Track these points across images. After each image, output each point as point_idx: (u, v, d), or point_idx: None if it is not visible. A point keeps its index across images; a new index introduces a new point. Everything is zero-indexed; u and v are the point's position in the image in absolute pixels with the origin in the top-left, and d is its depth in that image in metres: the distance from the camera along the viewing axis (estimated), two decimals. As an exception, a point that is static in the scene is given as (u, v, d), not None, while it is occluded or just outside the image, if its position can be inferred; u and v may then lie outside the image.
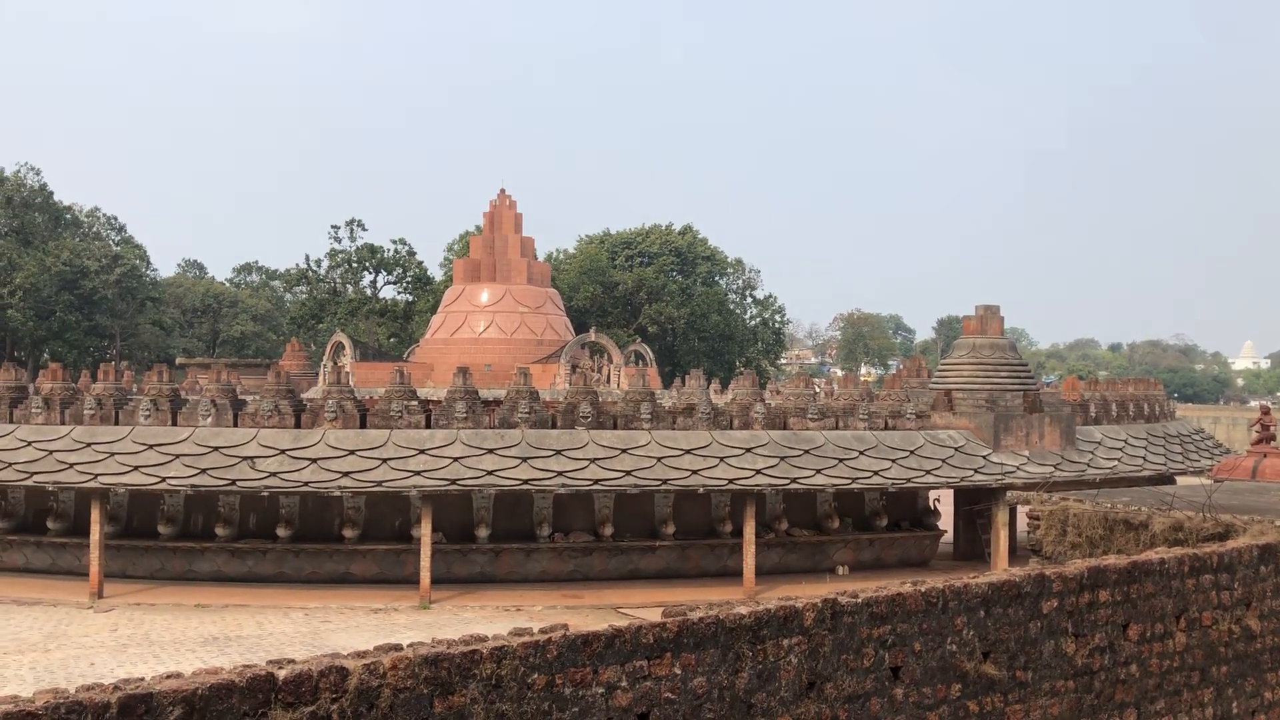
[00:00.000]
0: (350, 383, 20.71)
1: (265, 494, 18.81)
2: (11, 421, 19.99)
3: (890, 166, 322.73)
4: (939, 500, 24.27)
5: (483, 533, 20.09)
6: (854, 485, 20.07)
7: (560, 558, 20.48)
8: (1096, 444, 23.14)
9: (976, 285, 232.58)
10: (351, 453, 18.73)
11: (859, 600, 7.00)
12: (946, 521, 24.10)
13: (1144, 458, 23.47)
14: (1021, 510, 21.46)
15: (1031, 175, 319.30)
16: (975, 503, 23.13)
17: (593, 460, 19.17)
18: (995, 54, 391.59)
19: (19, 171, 62.81)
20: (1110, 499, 11.29)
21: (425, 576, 18.57)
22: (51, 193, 65.33)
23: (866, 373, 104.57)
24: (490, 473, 18.63)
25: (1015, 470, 21.16)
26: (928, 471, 20.67)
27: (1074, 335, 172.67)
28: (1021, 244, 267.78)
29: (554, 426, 19.89)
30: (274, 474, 18.27)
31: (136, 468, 18.39)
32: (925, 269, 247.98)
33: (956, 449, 21.41)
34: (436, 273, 65.36)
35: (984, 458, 21.34)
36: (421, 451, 18.88)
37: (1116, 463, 22.66)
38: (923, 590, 7.33)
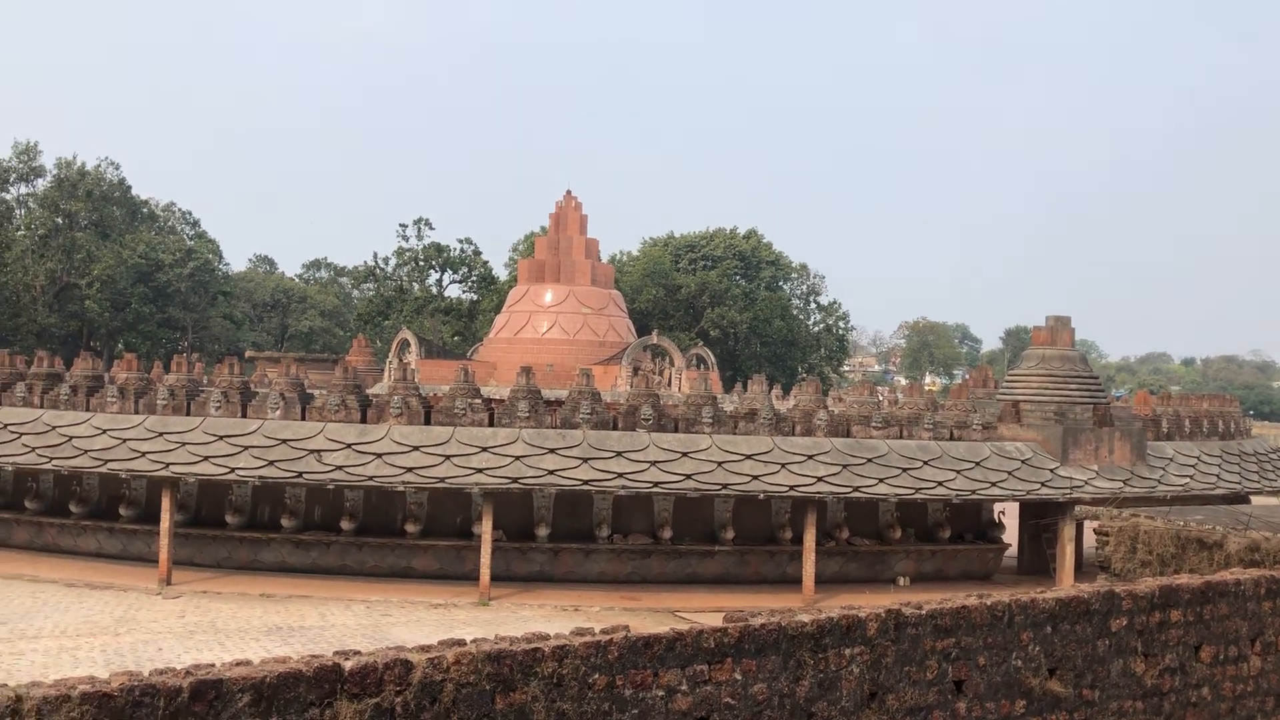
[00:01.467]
0: (415, 379, 20.94)
1: (331, 487, 19.10)
2: (88, 410, 20.53)
3: (961, 173, 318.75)
4: (1004, 513, 23.89)
5: (542, 532, 20.20)
6: (917, 495, 19.84)
7: (619, 559, 20.52)
8: (1168, 460, 22.61)
9: (1045, 295, 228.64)
10: (416, 448, 18.95)
11: (923, 612, 6.91)
12: (1011, 535, 23.72)
13: (1218, 476, 22.89)
14: (1089, 526, 21.07)
15: (1107, 183, 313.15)
16: (1041, 517, 22.73)
17: (653, 463, 19.17)
18: (1074, 56, 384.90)
19: (99, 166, 64.54)
20: (1182, 517, 11.02)
21: (485, 573, 18.71)
22: (130, 187, 67.05)
23: (931, 382, 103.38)
24: (551, 472, 18.72)
25: (1083, 485, 20.77)
26: (993, 484, 20.36)
27: (1145, 349, 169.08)
28: (1093, 254, 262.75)
29: (615, 428, 19.94)
30: (339, 467, 18.55)
31: (206, 458, 18.78)
32: (994, 278, 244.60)
33: (1023, 461, 21.06)
34: (501, 272, 65.92)
35: (1051, 471, 20.97)
36: (484, 449, 19.04)
37: (1189, 480, 22.12)
38: (988, 604, 7.23)
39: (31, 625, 15.69)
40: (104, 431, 19.69)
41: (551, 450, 19.15)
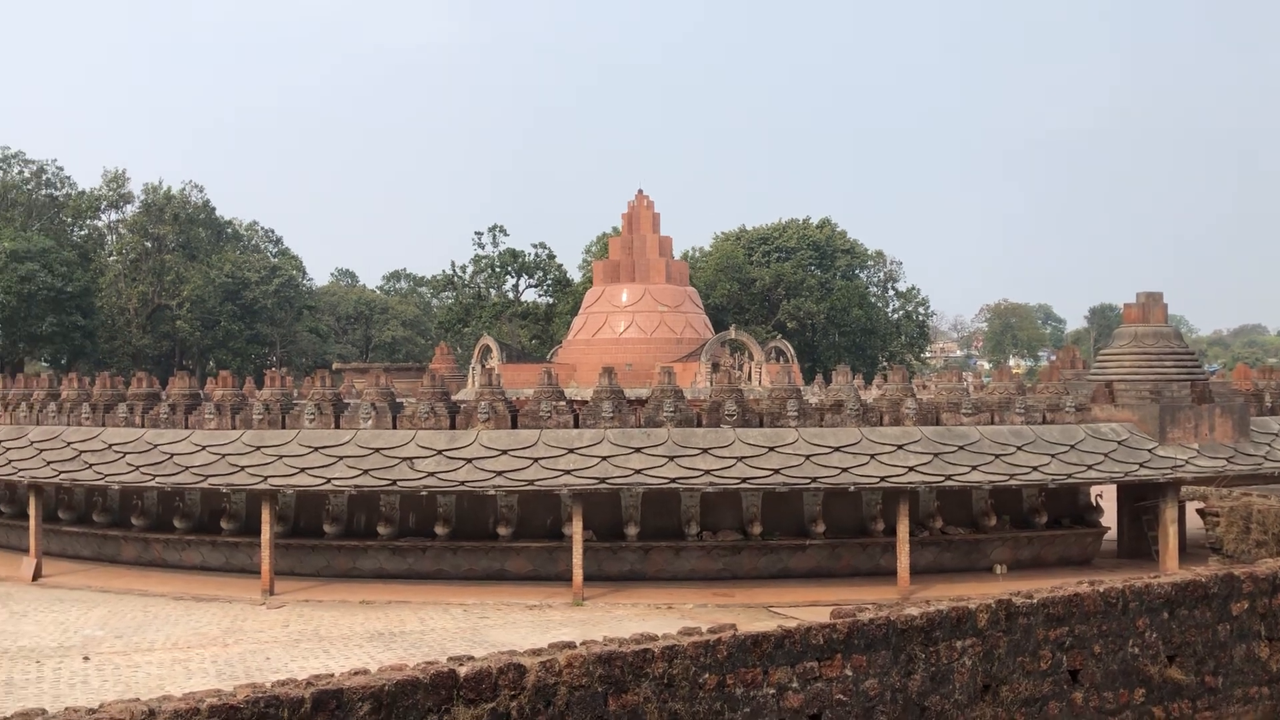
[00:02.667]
0: (499, 384, 21.16)
1: (424, 493, 19.39)
2: (186, 427, 21.13)
3: (1035, 149, 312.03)
4: (1101, 496, 23.33)
5: (632, 531, 20.25)
6: (1011, 482, 19.47)
7: (709, 556, 20.49)
8: (1274, 436, 21.88)
9: (1129, 272, 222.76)
10: (504, 452, 19.14)
11: (1034, 601, 6.78)
12: (1109, 518, 23.15)
13: (1327, 450, 22.05)
14: (1191, 506, 20.48)
15: (1187, 153, 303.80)
16: (1141, 499, 22.16)
17: (740, 458, 19.11)
18: (1158, 24, 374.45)
19: (184, 189, 66.42)
20: (1297, 494, 10.65)
21: (578, 574, 18.84)
22: (214, 208, 68.90)
23: (1015, 365, 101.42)
24: (638, 471, 18.77)
25: (1184, 464, 20.19)
26: (1089, 466, 19.90)
27: (1238, 321, 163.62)
28: (1179, 226, 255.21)
29: (699, 425, 19.91)
30: (431, 474, 18.81)
31: (303, 469, 19.19)
32: (1076, 256, 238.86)
33: (1120, 442, 20.55)
34: (575, 275, 66.29)
35: (1149, 451, 20.42)
36: (570, 451, 19.15)
37: (1297, 455, 21.36)
38: (1101, 590, 7.06)
39: (144, 638, 16.20)
40: (203, 448, 20.25)
41: (637, 449, 19.19)
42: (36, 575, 20.79)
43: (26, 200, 65.46)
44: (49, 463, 21.12)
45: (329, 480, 18.96)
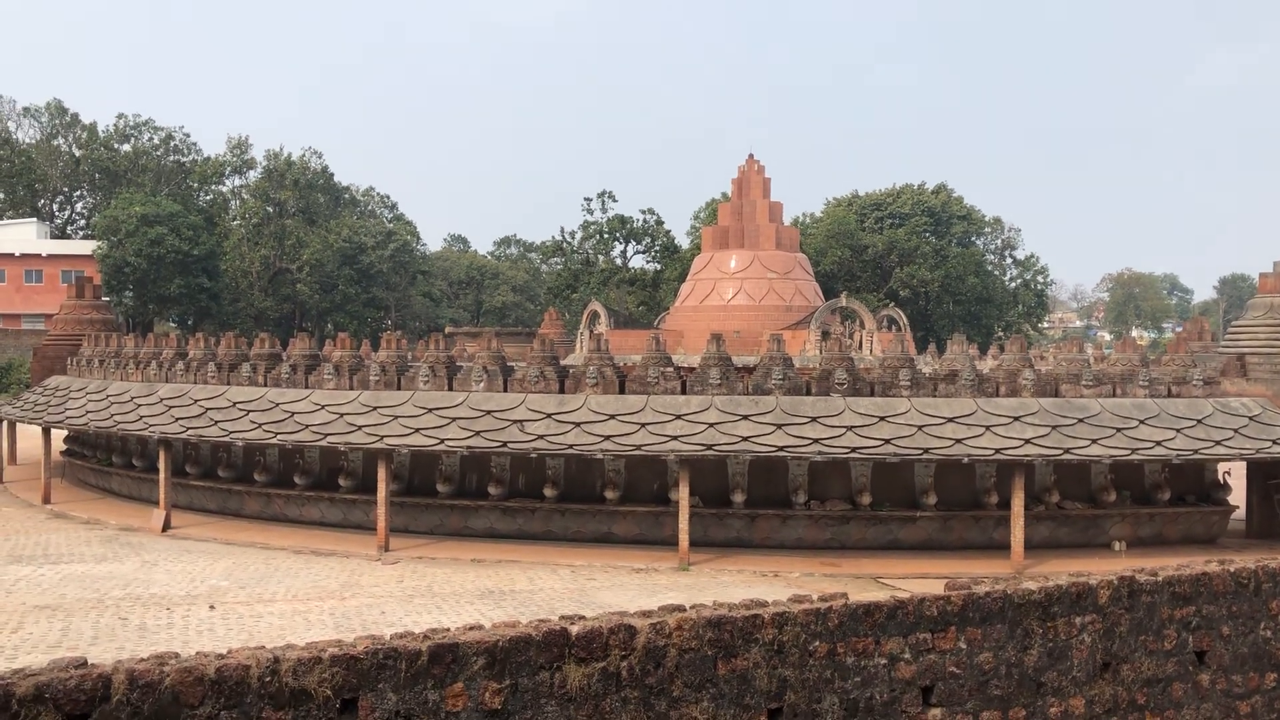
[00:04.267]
0: (608, 350, 21.28)
1: (534, 455, 19.66)
2: (306, 387, 21.81)
3: (1161, 111, 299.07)
4: (1229, 473, 22.40)
5: (738, 498, 20.23)
6: (1133, 456, 18.82)
7: (816, 525, 20.35)
8: None
9: (1264, 240, 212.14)
10: (612, 417, 19.27)
11: (1159, 579, 6.55)
12: (1237, 496, 22.23)
13: None
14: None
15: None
16: (1272, 477, 21.21)
17: (849, 428, 18.88)
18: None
19: (304, 156, 68.18)
20: None
21: (683, 539, 18.91)
22: (332, 174, 70.60)
23: (1139, 336, 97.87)
24: (745, 439, 18.70)
25: (1321, 442, 19.23)
26: (1217, 442, 19.11)
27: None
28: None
29: (808, 393, 19.72)
30: (541, 436, 19.06)
31: (417, 430, 19.65)
32: (1204, 223, 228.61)
33: (1251, 418, 19.67)
34: (683, 241, 66.16)
35: (1283, 428, 19.51)
36: (678, 417, 19.19)
37: None
38: (1232, 570, 6.78)
39: (266, 589, 16.84)
40: (322, 407, 20.88)
41: (744, 417, 19.12)
42: (165, 526, 21.78)
43: (155, 166, 68.07)
44: (177, 419, 22.04)
45: (442, 441, 19.37)
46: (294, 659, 4.94)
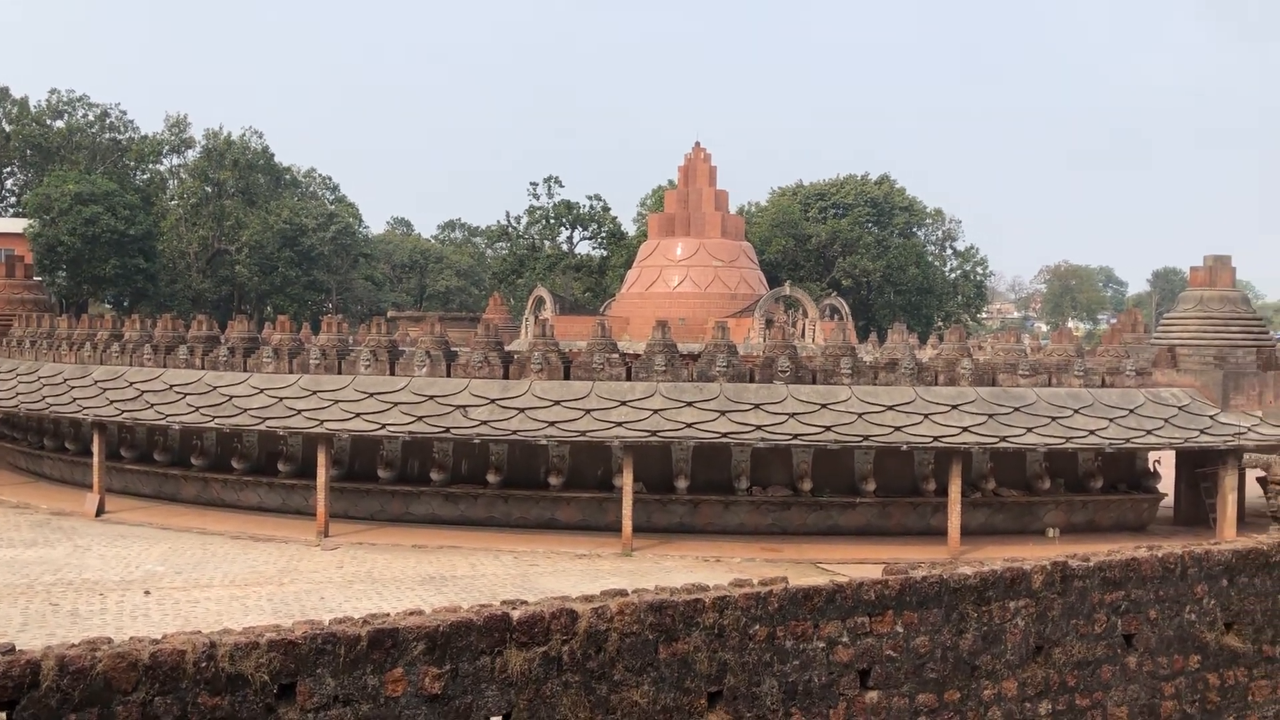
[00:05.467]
0: (553, 335, 21.23)
1: (477, 441, 19.59)
2: (245, 370, 21.49)
3: (1101, 108, 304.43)
4: (1159, 462, 22.97)
5: (682, 484, 20.32)
6: (1068, 445, 19.22)
7: (758, 511, 20.52)
8: (1341, 405, 21.34)
9: (1195, 235, 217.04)
10: (557, 403, 19.25)
11: (1090, 564, 6.70)
12: (1166, 484, 22.80)
13: (1397, 421, 21.49)
14: (1251, 474, 20.07)
15: (1254, 114, 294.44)
16: (1200, 465, 21.78)
17: (791, 415, 19.05)
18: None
19: (245, 135, 67.00)
20: (1365, 465, 10.40)
21: (627, 525, 18.96)
22: (273, 155, 69.41)
23: (1075, 327, 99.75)
24: (689, 425, 18.79)
25: (1246, 431, 19.78)
26: (1148, 431, 19.58)
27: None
28: (1245, 190, 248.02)
29: (752, 380, 19.85)
30: (484, 422, 18.99)
31: (358, 415, 19.46)
32: (1139, 218, 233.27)
33: (1180, 408, 20.18)
34: (630, 228, 66.08)
35: (1211, 418, 20.03)
36: (623, 403, 19.22)
37: (1365, 426, 20.83)
38: (1159, 556, 6.96)
39: (203, 574, 16.61)
40: (261, 391, 20.60)
41: (689, 403, 19.21)
42: (99, 511, 21.36)
43: (91, 144, 66.47)
44: (112, 401, 21.61)
45: (384, 426, 19.21)
46: (231, 644, 4.89)
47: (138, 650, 4.66)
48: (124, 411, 21.20)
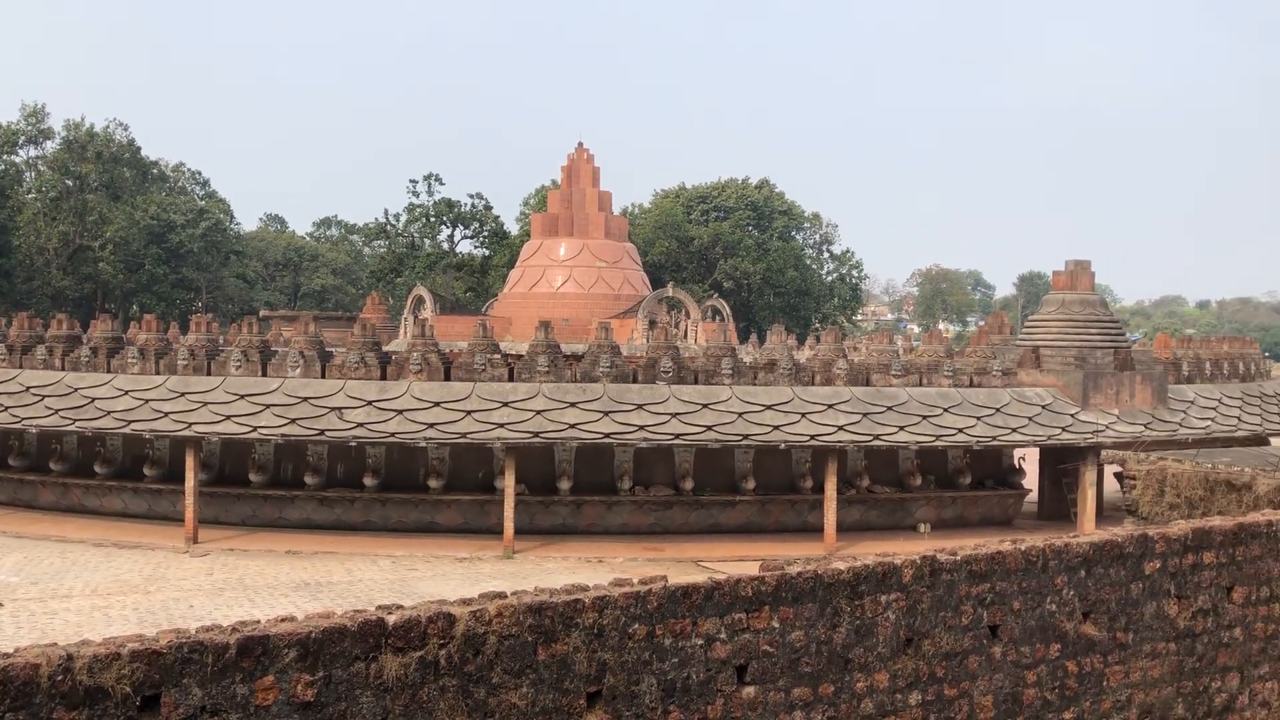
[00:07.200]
0: (433, 336, 20.95)
1: (353, 444, 19.20)
2: (109, 371, 20.63)
3: (971, 118, 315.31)
4: (1024, 459, 23.90)
5: (565, 485, 20.29)
6: (938, 443, 19.84)
7: (641, 511, 20.62)
8: (1189, 403, 22.55)
9: (1058, 241, 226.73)
10: (436, 404, 19.01)
11: (958, 558, 6.92)
12: (1031, 480, 23.74)
13: (1239, 418, 22.83)
14: (1109, 470, 21.06)
15: (1113, 128, 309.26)
16: (1062, 462, 22.74)
17: (674, 415, 19.20)
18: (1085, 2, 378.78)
19: (108, 127, 64.36)
20: (1210, 459, 11.00)
21: (509, 527, 18.84)
22: (139, 148, 66.85)
23: (945, 329, 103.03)
24: (572, 426, 18.77)
25: (1105, 429, 20.73)
26: (1014, 429, 20.35)
27: (1160, 292, 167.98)
28: (1105, 197, 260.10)
29: (635, 381, 19.95)
30: (361, 424, 18.63)
31: (229, 417, 18.88)
32: (1006, 224, 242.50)
33: (1044, 407, 21.02)
34: (513, 227, 65.68)
35: (1072, 416, 20.93)
36: (505, 404, 19.09)
37: (1210, 423, 22.07)
38: (1023, 549, 7.23)
39: (62, 584, 15.88)
40: (126, 393, 19.80)
41: (572, 404, 19.19)
42: (-51, 520, 20.24)
43: (-61, 133, 62.98)
44: (-37, 405, 20.48)
45: (255, 428, 18.68)
46: (90, 655, 4.68)
47: (-14, 665, 4.42)
48: (-25, 415, 20.11)
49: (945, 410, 20.34)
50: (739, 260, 60.11)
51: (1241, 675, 8.16)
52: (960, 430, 19.97)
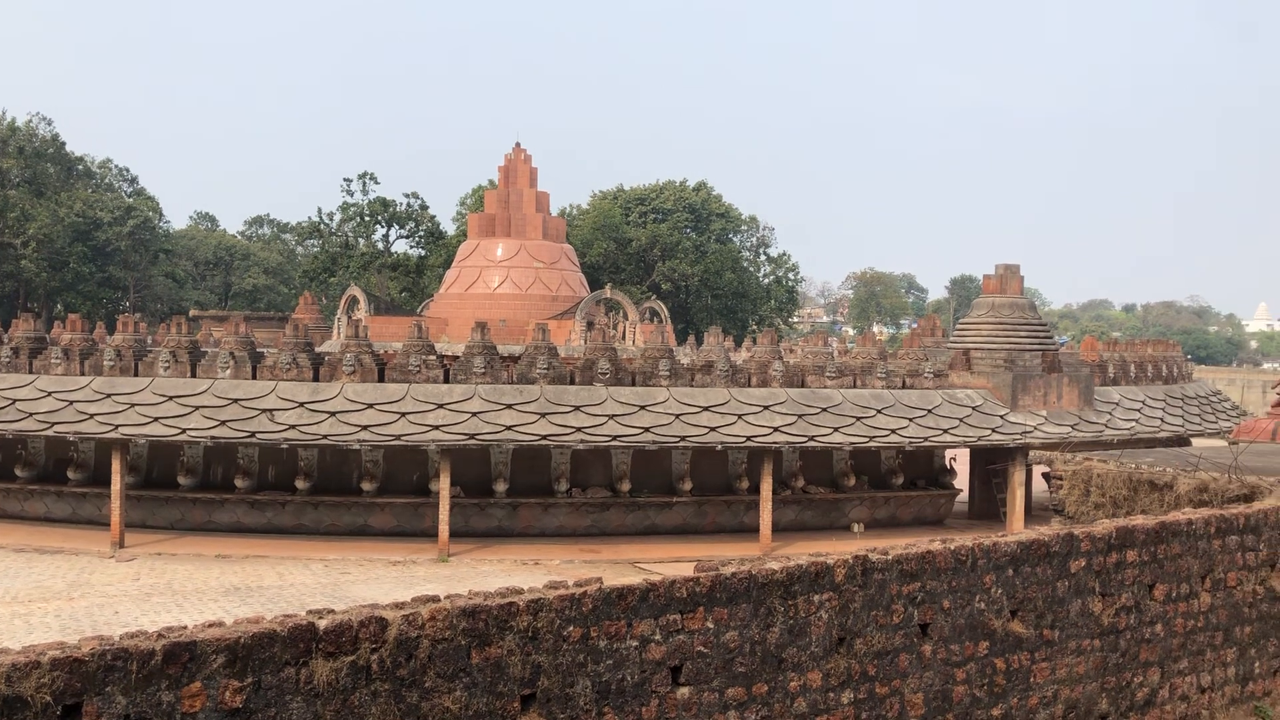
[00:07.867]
0: (367, 337, 20.71)
1: (284, 446, 18.90)
2: (31, 372, 20.08)
3: (904, 125, 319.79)
4: (955, 459, 24.29)
5: (501, 487, 20.18)
6: (871, 444, 20.08)
7: (578, 513, 20.58)
8: (1114, 405, 23.09)
9: (989, 245, 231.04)
10: (370, 406, 18.80)
11: (889, 557, 7.01)
12: (962, 480, 24.13)
13: (1161, 419, 23.42)
14: (1037, 470, 21.49)
15: (1042, 136, 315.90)
16: (992, 462, 23.14)
17: (611, 416, 19.20)
18: (1020, 12, 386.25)
19: (30, 122, 62.67)
20: (1134, 460, 11.27)
21: (444, 530, 18.69)
22: (64, 143, 65.18)
23: (879, 332, 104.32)
24: (509, 428, 18.68)
25: (1033, 430, 21.14)
26: (945, 431, 20.66)
27: (1087, 296, 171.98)
28: (1034, 204, 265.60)
29: (572, 382, 19.91)
30: (293, 426, 18.35)
31: (157, 419, 18.48)
32: (938, 228, 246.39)
33: (974, 408, 21.38)
34: (449, 227, 65.16)
35: (1001, 417, 21.31)
36: (440, 406, 18.93)
37: (1134, 424, 22.61)
38: (952, 548, 7.34)
39: (-18, 592, 15.43)
40: (49, 394, 19.29)
41: (509, 405, 19.10)
42: None
43: None
44: (-124, 406, 19.79)
45: (184, 430, 18.32)
46: (8, 664, 4.55)
47: (-102, 676, 4.28)
48: (-111, 417, 19.45)
49: (878, 412, 20.59)
50: (677, 262, 60.29)
51: (1162, 670, 8.37)
52: (893, 431, 20.24)
